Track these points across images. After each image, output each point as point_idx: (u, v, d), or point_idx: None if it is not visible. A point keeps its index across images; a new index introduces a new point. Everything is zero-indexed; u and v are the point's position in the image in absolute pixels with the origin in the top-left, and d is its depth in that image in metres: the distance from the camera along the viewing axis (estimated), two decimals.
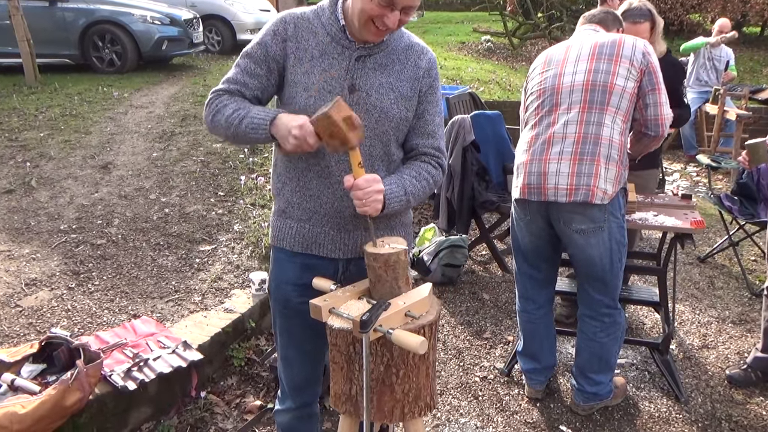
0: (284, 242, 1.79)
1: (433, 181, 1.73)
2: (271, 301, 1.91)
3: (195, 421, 2.65)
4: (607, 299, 2.50)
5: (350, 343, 1.49)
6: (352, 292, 1.58)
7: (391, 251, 1.49)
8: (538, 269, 2.65)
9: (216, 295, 3.31)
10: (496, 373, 3.10)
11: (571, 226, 2.36)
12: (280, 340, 1.93)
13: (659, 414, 2.76)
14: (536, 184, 2.37)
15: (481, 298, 3.94)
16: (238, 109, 1.63)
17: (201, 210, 4.24)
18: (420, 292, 1.55)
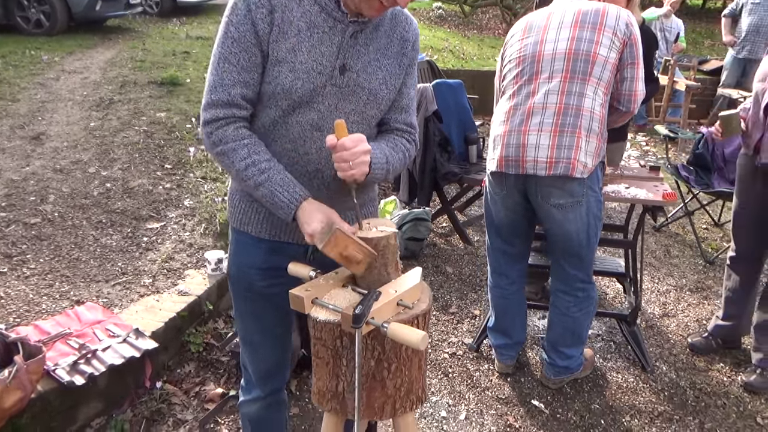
0: (249, 227, 1.62)
1: (408, 156, 1.62)
2: (231, 284, 1.74)
3: (151, 414, 2.47)
4: (582, 274, 2.46)
5: (337, 337, 1.35)
6: (336, 279, 1.44)
7: (380, 235, 1.35)
8: (511, 244, 2.58)
9: (168, 277, 3.08)
10: (464, 349, 3.04)
11: (550, 201, 2.28)
12: (243, 324, 1.77)
13: (627, 384, 2.78)
14: (514, 156, 2.27)
15: (444, 271, 3.87)
16: (251, 164, 1.45)
17: (147, 184, 3.95)
18: (411, 279, 1.43)
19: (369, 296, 1.29)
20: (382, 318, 1.31)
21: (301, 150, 1.48)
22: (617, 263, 3.29)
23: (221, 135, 1.46)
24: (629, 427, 2.52)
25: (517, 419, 2.56)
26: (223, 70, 1.42)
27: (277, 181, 1.44)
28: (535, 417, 2.58)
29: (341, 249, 1.31)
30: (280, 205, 1.44)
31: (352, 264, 1.35)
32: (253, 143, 1.47)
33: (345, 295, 1.39)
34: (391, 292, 1.35)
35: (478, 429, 2.51)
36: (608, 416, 2.58)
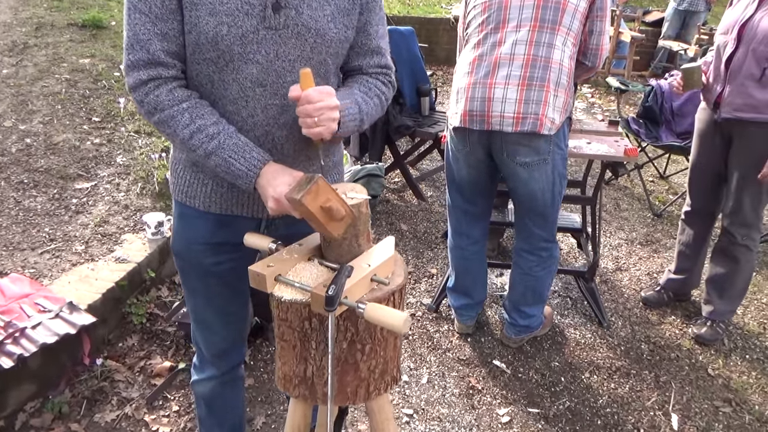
0: (196, 200, 1.43)
1: (384, 99, 1.45)
2: (177, 261, 1.56)
3: (92, 393, 2.27)
4: (546, 233, 2.40)
5: (305, 318, 1.21)
6: (300, 252, 1.28)
7: (351, 202, 1.20)
8: (473, 203, 2.48)
9: (103, 243, 2.82)
10: (423, 310, 2.98)
11: (516, 159, 2.17)
12: (193, 303, 1.61)
13: (585, 340, 2.80)
14: (479, 111, 2.14)
15: (399, 228, 3.76)
16: (197, 131, 1.25)
17: (72, 139, 3.58)
18: (383, 250, 1.29)
19: (341, 272, 1.15)
20: (356, 296, 1.18)
21: (244, 112, 1.29)
22: (573, 219, 3.28)
23: (154, 101, 1.25)
24: (589, 383, 2.54)
25: (479, 380, 2.53)
26: (136, 23, 1.21)
27: (230, 147, 1.25)
28: (497, 377, 2.56)
29: (323, 201, 1.14)
30: (237, 174, 1.26)
31: (332, 222, 1.17)
32: (195, 105, 1.26)
33: (312, 270, 1.25)
34: (365, 267, 1.22)
35: (441, 392, 2.47)
36: (568, 373, 2.59)
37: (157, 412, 2.26)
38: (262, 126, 1.30)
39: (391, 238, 1.34)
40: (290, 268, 1.24)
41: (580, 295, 3.10)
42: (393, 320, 1.06)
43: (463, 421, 2.33)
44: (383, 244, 1.32)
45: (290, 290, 1.20)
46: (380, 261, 1.24)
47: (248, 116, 1.29)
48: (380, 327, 1.24)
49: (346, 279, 1.14)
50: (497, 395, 2.46)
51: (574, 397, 2.46)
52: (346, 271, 1.16)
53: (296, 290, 1.19)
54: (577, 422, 2.34)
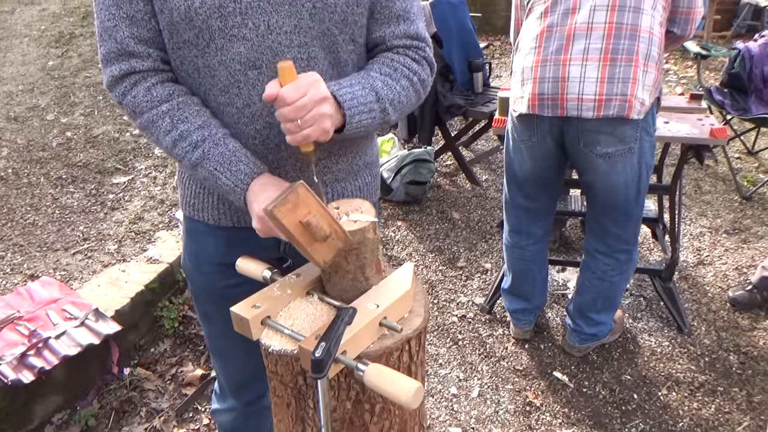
0: (204, 214, 1.22)
1: (418, 81, 1.14)
2: (188, 281, 1.37)
3: (120, 404, 2.16)
4: (627, 234, 2.05)
5: (298, 373, 0.98)
6: (296, 286, 1.05)
7: (352, 227, 0.95)
8: (535, 200, 2.16)
9: (136, 241, 2.71)
10: (475, 311, 2.71)
11: (595, 150, 1.84)
12: (208, 328, 1.42)
13: (661, 349, 2.45)
14: (552, 94, 1.81)
15: (450, 217, 3.48)
16: (179, 138, 1.05)
17: (112, 131, 3.50)
18: (398, 283, 1.03)
19: (337, 321, 0.90)
20: (360, 347, 0.93)
21: (238, 101, 1.05)
22: (647, 206, 2.89)
23: (132, 103, 1.05)
24: (666, 402, 2.21)
25: (537, 395, 2.25)
26: (101, 8, 1.01)
27: (215, 158, 1.03)
28: (558, 392, 2.27)
29: (302, 214, 0.89)
30: (224, 189, 1.04)
31: (315, 244, 0.92)
32: (177, 107, 1.04)
33: (308, 309, 1.01)
34: (371, 308, 0.96)
35: (494, 408, 2.21)
36: (642, 389, 2.26)
37: (186, 425, 2.13)
38: (262, 117, 1.06)
39: (409, 265, 1.08)
40: (283, 307, 1.01)
41: (655, 295, 2.74)
42: (399, 392, 0.81)
43: None
44: (399, 274, 1.06)
45: (279, 338, 0.97)
46: (393, 298, 0.99)
47: (244, 106, 1.06)
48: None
49: (343, 329, 0.89)
50: (558, 414, 2.17)
51: (648, 419, 2.14)
52: (345, 315, 0.92)
53: (287, 339, 0.96)
54: None
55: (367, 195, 1.28)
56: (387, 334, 0.98)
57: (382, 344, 0.95)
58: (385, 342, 0.96)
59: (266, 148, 1.10)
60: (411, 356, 1.01)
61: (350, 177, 1.23)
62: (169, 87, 1.06)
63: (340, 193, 1.22)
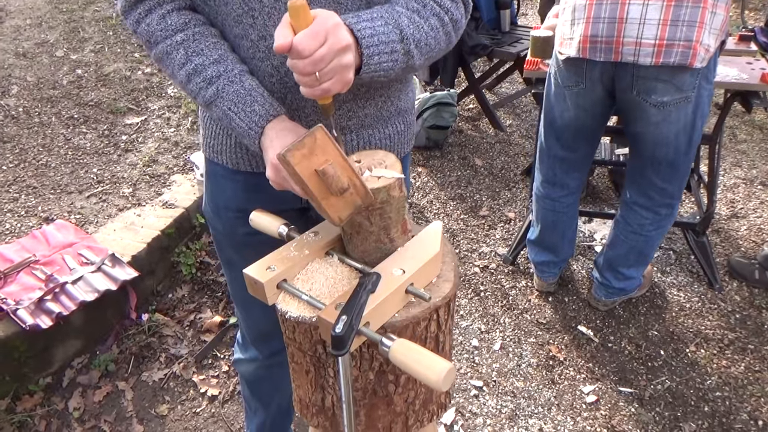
0: (223, 156, 1.14)
1: (450, 21, 0.99)
2: (209, 226, 1.30)
3: (140, 349, 2.15)
4: (673, 188, 1.93)
5: (317, 341, 0.91)
6: (315, 246, 0.96)
7: (375, 184, 0.85)
8: (574, 150, 2.03)
9: (151, 185, 2.64)
10: (498, 261, 2.64)
11: (650, 98, 1.70)
12: (229, 275, 1.37)
13: (690, 305, 2.38)
14: (606, 36, 1.65)
15: (472, 164, 3.36)
16: (193, 72, 0.94)
17: (123, 69, 3.38)
18: (425, 245, 0.94)
19: (359, 289, 0.82)
20: (384, 317, 0.86)
21: (253, 33, 0.94)
22: None
23: (146, 31, 0.95)
24: (694, 359, 2.15)
25: (561, 349, 2.21)
26: None
27: (229, 96, 0.93)
28: (582, 347, 2.22)
29: (319, 162, 0.78)
30: (239, 132, 0.95)
31: (331, 198, 0.82)
32: (191, 37, 0.94)
33: (328, 271, 0.93)
34: (396, 274, 0.88)
35: (516, 362, 2.17)
36: (669, 345, 2.21)
37: (206, 371, 2.12)
38: (266, 48, 0.96)
39: (438, 224, 0.99)
40: (300, 269, 0.93)
41: (685, 248, 2.64)
42: (428, 373, 0.73)
43: (540, 397, 2.03)
44: (426, 234, 0.97)
45: (297, 304, 0.89)
46: (420, 262, 0.90)
47: (259, 39, 0.95)
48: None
49: (366, 299, 0.81)
50: (582, 368, 2.13)
51: (675, 376, 2.09)
52: (368, 282, 0.84)
53: (305, 305, 0.89)
54: (679, 407, 1.98)
55: (399, 145, 1.18)
56: (413, 301, 0.90)
57: (408, 313, 0.88)
58: (411, 311, 0.88)
59: (284, 88, 1.00)
60: (439, 325, 0.94)
61: (379, 124, 1.12)
62: (185, 15, 0.95)
63: (367, 141, 1.12)
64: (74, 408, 1.95)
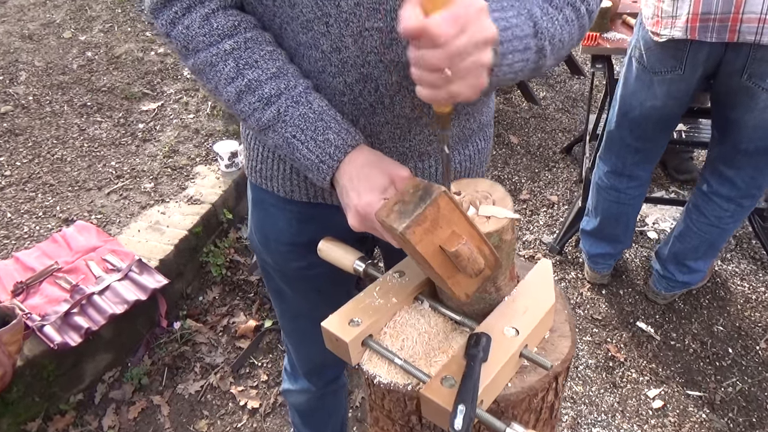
0: (273, 183, 0.97)
1: (586, 12, 0.79)
2: (257, 255, 1.15)
3: (173, 359, 2.03)
4: (764, 177, 1.74)
5: (412, 412, 0.77)
6: (401, 291, 0.81)
7: (486, 228, 0.69)
8: (651, 141, 1.83)
9: (173, 178, 2.48)
10: (544, 251, 2.48)
11: (763, 82, 1.50)
12: (280, 306, 1.23)
13: (756, 296, 2.21)
14: (721, 13, 1.43)
15: (508, 142, 3.17)
16: (246, 89, 0.77)
17: (135, 50, 3.18)
18: (537, 294, 0.79)
19: (472, 363, 0.67)
20: (496, 391, 0.71)
21: (325, 43, 0.77)
22: None
23: (184, 36, 0.77)
24: (765, 357, 2.00)
25: (620, 348, 2.06)
26: None
27: (295, 120, 0.76)
28: (643, 345, 2.07)
29: (445, 237, 0.64)
30: (304, 164, 0.78)
31: (459, 276, 0.68)
32: (243, 45, 0.77)
33: (419, 324, 0.79)
34: (509, 335, 0.73)
35: (572, 363, 2.03)
36: (737, 342, 2.05)
37: (244, 381, 2.00)
38: (356, 67, 0.78)
39: (547, 264, 0.84)
40: (387, 321, 0.79)
41: (745, 233, 2.46)
42: None
43: (603, 403, 1.90)
44: (537, 275, 0.82)
45: (387, 366, 0.75)
46: (536, 319, 0.75)
47: (332, 50, 0.77)
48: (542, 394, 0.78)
49: (479, 373, 0.66)
50: (645, 370, 1.99)
51: (746, 377, 1.95)
52: (479, 355, 0.68)
53: (397, 369, 0.74)
54: (753, 412, 1.84)
55: (478, 165, 1.01)
56: (526, 365, 0.75)
57: (522, 383, 0.73)
58: (526, 379, 0.73)
59: (357, 109, 0.82)
60: (557, 393, 0.79)
61: (459, 144, 0.95)
62: (234, 17, 0.77)
63: None
64: (108, 426, 1.84)
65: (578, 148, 3.01)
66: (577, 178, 2.83)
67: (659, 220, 2.58)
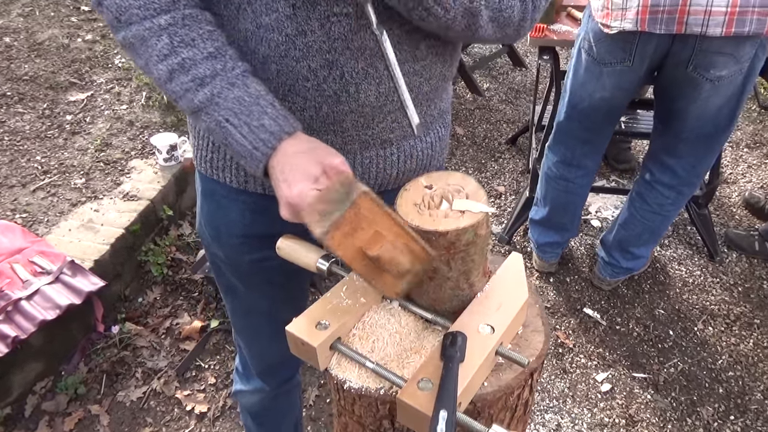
0: (224, 174, 0.92)
1: None
2: (206, 249, 1.09)
3: (112, 366, 1.91)
4: (703, 165, 1.80)
5: (384, 416, 0.74)
6: (369, 289, 0.78)
7: (460, 223, 0.67)
8: (598, 132, 1.86)
9: (107, 173, 2.33)
10: (493, 241, 2.49)
11: (708, 73, 1.54)
12: (231, 303, 1.18)
13: (693, 279, 2.31)
14: (670, 5, 1.45)
15: (453, 133, 3.17)
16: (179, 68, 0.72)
17: (60, 36, 2.97)
18: (510, 289, 0.77)
19: (450, 363, 0.65)
20: (473, 391, 0.69)
21: (289, 26, 0.73)
22: None
23: (116, 5, 0.72)
24: (703, 338, 2.09)
25: (569, 335, 2.11)
26: None
27: (229, 104, 0.72)
28: (590, 330, 2.12)
29: (366, 239, 0.64)
30: (238, 150, 0.73)
31: (384, 275, 0.68)
32: (180, 22, 0.72)
33: (389, 324, 0.77)
34: (484, 332, 0.71)
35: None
36: (677, 324, 2.14)
37: (190, 385, 1.91)
38: (321, 52, 0.74)
39: (518, 258, 0.82)
40: (355, 321, 0.75)
41: (682, 219, 2.57)
42: None
43: (554, 389, 1.93)
44: (508, 271, 0.80)
45: (358, 370, 0.71)
46: (510, 315, 0.73)
47: (297, 33, 0.73)
48: (514, 396, 0.76)
49: (457, 374, 0.64)
50: (593, 355, 2.04)
51: (687, 357, 2.03)
52: (456, 355, 0.66)
53: (369, 373, 0.71)
54: (694, 390, 1.92)
55: (440, 153, 0.99)
56: (501, 362, 0.73)
57: (498, 381, 0.71)
58: (502, 377, 0.72)
59: (321, 96, 0.78)
60: (531, 389, 0.77)
61: (421, 132, 0.93)
62: None
63: (408, 154, 0.93)
64: None
65: (523, 138, 3.05)
66: (524, 169, 2.87)
67: (601, 209, 2.65)
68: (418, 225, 0.67)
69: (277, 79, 0.77)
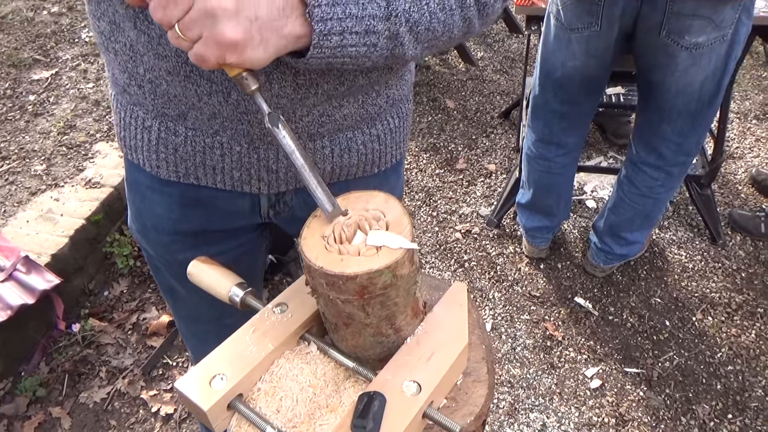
0: (139, 156, 0.82)
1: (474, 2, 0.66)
2: (140, 246, 0.99)
3: (74, 365, 1.82)
4: (690, 144, 1.65)
5: None
6: (282, 331, 0.66)
7: (374, 263, 0.54)
8: (576, 105, 1.71)
9: (69, 158, 2.20)
10: (481, 225, 2.36)
11: (682, 40, 1.39)
12: (173, 304, 1.10)
13: (693, 264, 2.17)
14: None
15: (443, 106, 3.01)
16: None
17: (24, 9, 2.80)
18: (447, 334, 0.65)
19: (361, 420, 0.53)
20: None
21: None
22: None
23: None
24: (702, 329, 1.97)
25: (558, 327, 1.99)
26: None
27: None
28: (580, 322, 2.00)
29: None
30: None
31: None
32: None
33: (303, 374, 0.65)
34: (409, 392, 0.58)
35: (510, 344, 1.94)
36: (674, 314, 2.01)
37: (156, 385, 1.81)
38: None
39: (461, 289, 0.69)
40: (262, 373, 0.63)
41: (682, 198, 2.41)
42: None
43: (540, 386, 1.82)
44: (445, 313, 0.67)
45: None
46: (443, 368, 0.61)
47: None
48: None
49: None
50: (583, 348, 1.92)
51: (683, 350, 1.91)
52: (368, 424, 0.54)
53: None
54: (690, 387, 1.81)
55: (392, 146, 0.87)
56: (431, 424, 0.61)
57: None
58: None
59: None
60: None
61: (363, 124, 0.80)
62: None
63: (345, 147, 0.81)
64: None
65: (516, 112, 2.88)
66: (515, 145, 2.71)
67: (597, 188, 2.50)
68: (321, 266, 0.53)
69: (176, 57, 0.64)
